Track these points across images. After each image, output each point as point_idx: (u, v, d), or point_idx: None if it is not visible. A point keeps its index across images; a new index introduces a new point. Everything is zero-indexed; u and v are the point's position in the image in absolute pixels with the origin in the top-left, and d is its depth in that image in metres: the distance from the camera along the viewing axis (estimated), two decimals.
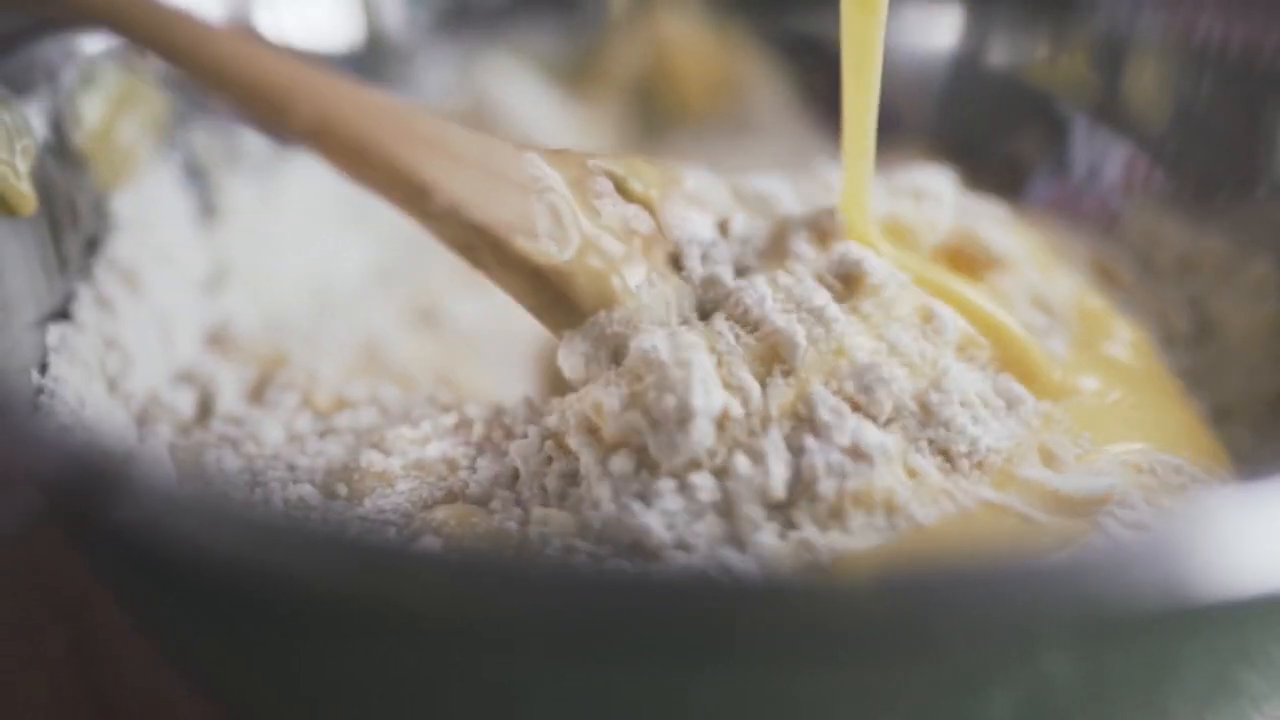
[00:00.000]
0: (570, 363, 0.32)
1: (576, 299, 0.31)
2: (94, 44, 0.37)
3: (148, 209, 0.38)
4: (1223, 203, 0.40)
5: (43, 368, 0.33)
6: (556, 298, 0.31)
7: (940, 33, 0.45)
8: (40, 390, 0.32)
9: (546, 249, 0.31)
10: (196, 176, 0.40)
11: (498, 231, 0.30)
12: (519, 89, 0.46)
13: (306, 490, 0.33)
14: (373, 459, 0.33)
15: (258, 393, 0.36)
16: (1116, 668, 0.24)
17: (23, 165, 0.34)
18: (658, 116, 0.47)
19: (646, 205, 0.33)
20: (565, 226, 0.31)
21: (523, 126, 0.45)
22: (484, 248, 0.31)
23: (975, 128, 0.45)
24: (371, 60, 0.44)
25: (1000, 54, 0.45)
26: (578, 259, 0.31)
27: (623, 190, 0.33)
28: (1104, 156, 0.43)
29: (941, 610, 0.22)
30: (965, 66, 0.45)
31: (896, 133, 0.44)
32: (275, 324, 0.40)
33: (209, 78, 0.29)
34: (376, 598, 0.22)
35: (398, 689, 0.25)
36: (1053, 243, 0.41)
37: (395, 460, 0.33)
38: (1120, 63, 0.42)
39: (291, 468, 0.34)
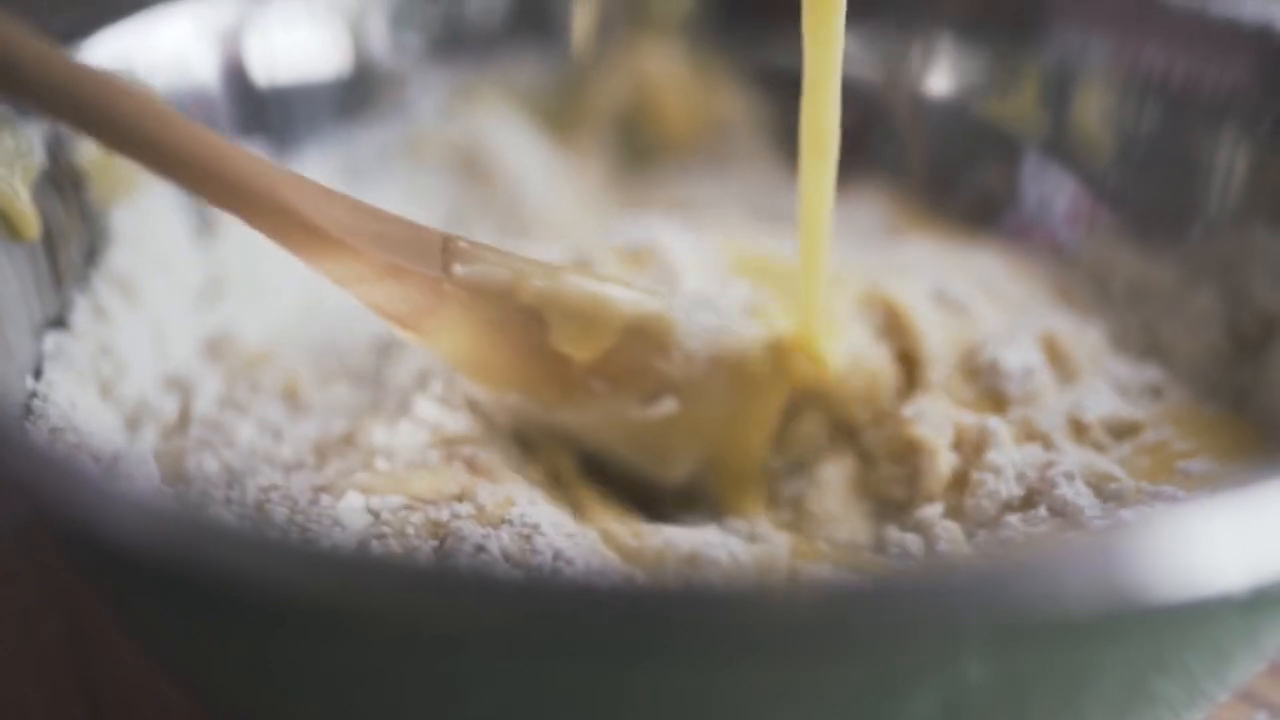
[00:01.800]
0: None
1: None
2: (105, 62, 0.37)
3: (146, 224, 0.39)
4: (1163, 238, 0.41)
5: (38, 373, 0.34)
6: None
7: (898, 68, 0.46)
8: (34, 394, 0.33)
9: (420, 340, 0.34)
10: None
11: (379, 310, 0.33)
12: (508, 127, 0.47)
13: (276, 476, 0.34)
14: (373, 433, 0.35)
15: (232, 394, 0.37)
16: (1033, 673, 0.25)
17: (24, 189, 0.35)
18: (640, 149, 0.48)
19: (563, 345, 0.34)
20: (450, 329, 0.33)
21: (511, 163, 0.46)
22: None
23: (937, 160, 0.45)
24: (361, 85, 0.44)
25: (953, 88, 0.45)
26: (451, 356, 0.34)
27: (544, 315, 0.33)
28: (1054, 190, 0.43)
29: (862, 615, 0.22)
30: (921, 101, 0.45)
31: (862, 164, 0.44)
32: (268, 334, 0.40)
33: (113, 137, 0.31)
34: (328, 601, 0.23)
35: (353, 685, 0.26)
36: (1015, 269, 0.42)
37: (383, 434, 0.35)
38: (1067, 97, 0.43)
39: (269, 460, 0.35)
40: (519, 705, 0.25)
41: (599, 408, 0.34)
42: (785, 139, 0.46)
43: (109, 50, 0.38)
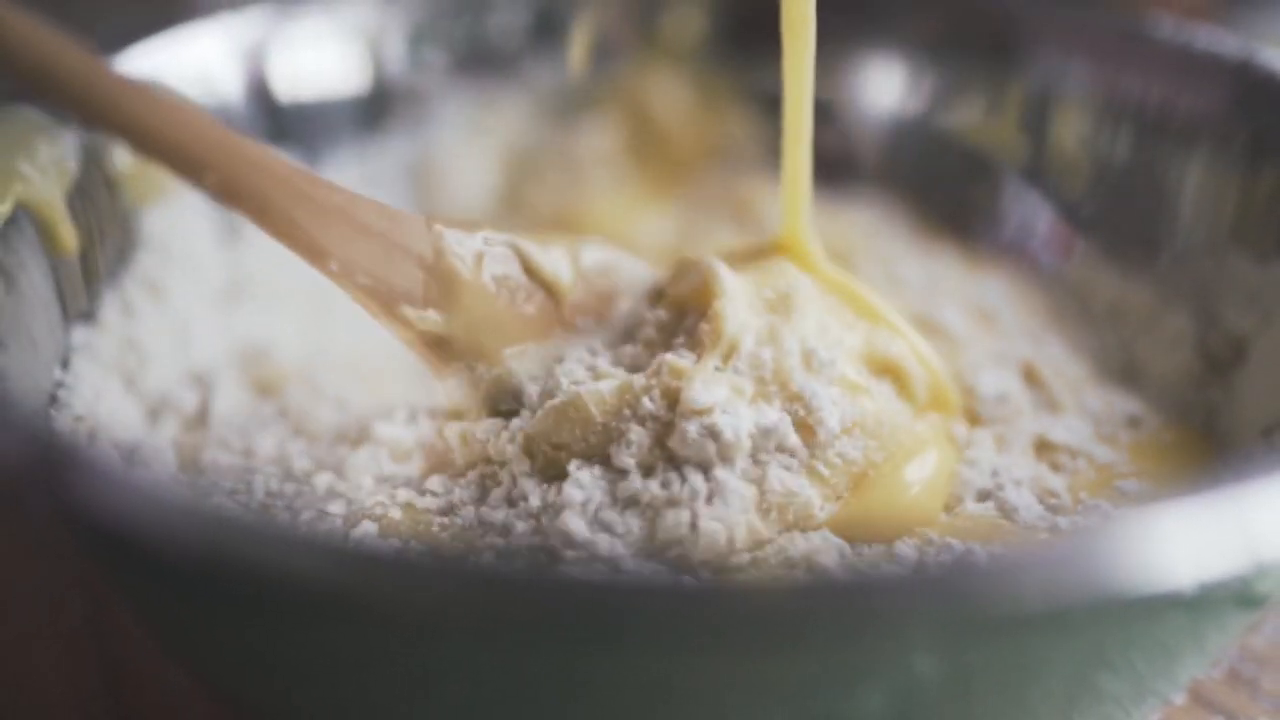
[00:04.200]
0: (450, 391, 0.35)
1: (451, 354, 0.35)
2: (136, 77, 0.39)
3: (175, 227, 0.40)
4: (1139, 262, 0.41)
5: (65, 364, 0.35)
6: (435, 351, 0.35)
7: (885, 93, 0.46)
8: (60, 384, 0.35)
9: (427, 317, 0.34)
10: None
11: (384, 297, 0.34)
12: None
13: (289, 487, 0.35)
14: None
15: (257, 408, 0.38)
16: (980, 668, 0.26)
17: (60, 199, 0.36)
18: (650, 176, 0.48)
19: (549, 288, 0.36)
20: (453, 297, 0.34)
21: None
22: (375, 305, 0.34)
23: (926, 180, 0.46)
24: (382, 101, 0.45)
25: (939, 113, 0.46)
26: (457, 327, 0.34)
27: (529, 269, 0.36)
28: (1034, 214, 0.44)
29: (815, 608, 0.23)
30: (909, 124, 0.46)
31: (855, 180, 0.46)
32: (284, 340, 0.41)
33: (130, 138, 0.32)
34: (321, 588, 0.24)
35: (334, 667, 0.27)
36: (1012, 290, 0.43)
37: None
38: (1045, 124, 0.44)
39: (289, 472, 0.35)
40: (491, 689, 0.26)
41: (577, 343, 0.36)
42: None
43: (140, 65, 0.40)
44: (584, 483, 0.32)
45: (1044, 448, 0.36)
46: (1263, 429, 0.35)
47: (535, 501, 0.32)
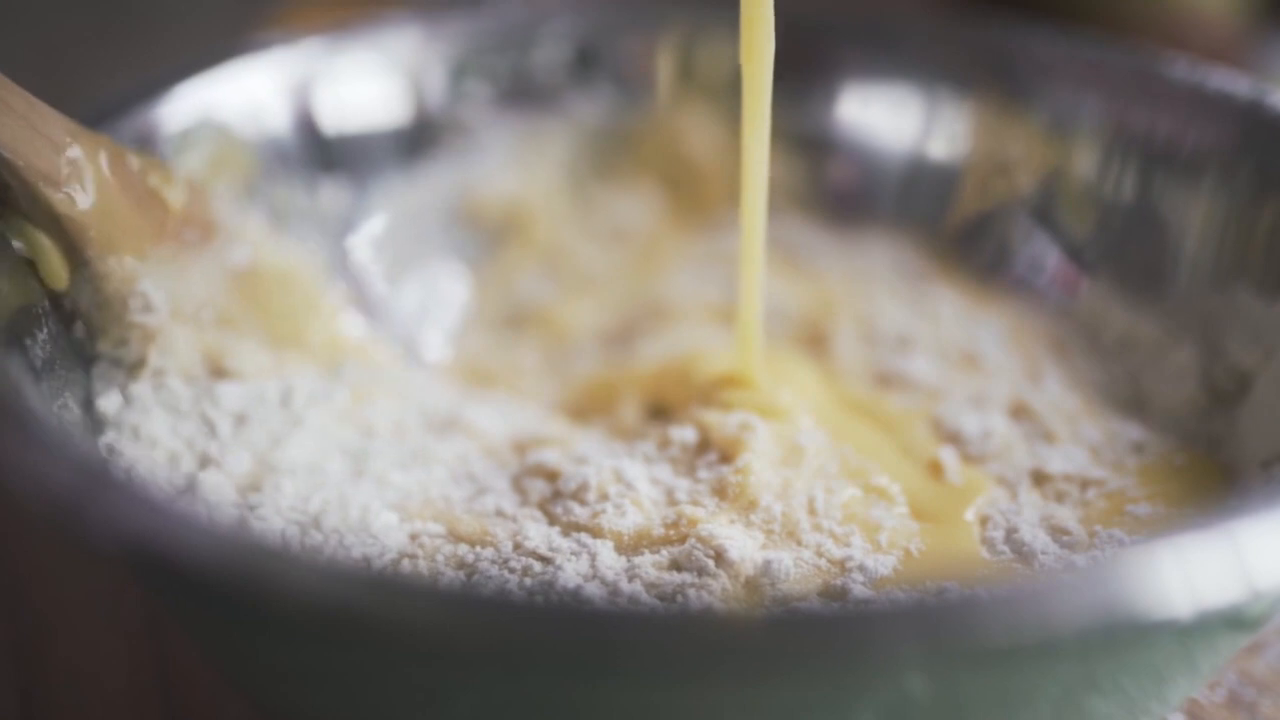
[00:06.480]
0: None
1: (87, 245, 0.35)
2: (190, 110, 0.40)
3: None
4: (1146, 296, 0.41)
5: (123, 391, 0.35)
6: (71, 243, 0.35)
7: (899, 132, 0.46)
8: (126, 401, 0.35)
9: (66, 200, 0.34)
10: (275, 226, 0.42)
11: (26, 175, 0.34)
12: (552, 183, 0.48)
13: (347, 488, 0.35)
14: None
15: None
16: (971, 695, 0.26)
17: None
18: (683, 200, 0.48)
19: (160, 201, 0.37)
20: (87, 187, 0.35)
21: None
22: (15, 188, 0.34)
23: (939, 216, 0.46)
24: (425, 133, 0.46)
25: (949, 152, 0.46)
26: (93, 214, 0.35)
27: (144, 181, 0.37)
28: (1043, 251, 0.44)
29: (810, 638, 0.24)
30: (923, 164, 0.46)
31: (869, 217, 0.46)
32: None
33: None
34: (334, 612, 0.24)
35: (343, 685, 0.28)
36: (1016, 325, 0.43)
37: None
38: (1055, 165, 0.44)
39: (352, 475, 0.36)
40: (497, 707, 0.27)
41: (197, 258, 0.38)
42: (815, 200, 0.47)
43: (192, 100, 0.41)
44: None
45: (1042, 479, 0.36)
46: (1262, 461, 0.35)
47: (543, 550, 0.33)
